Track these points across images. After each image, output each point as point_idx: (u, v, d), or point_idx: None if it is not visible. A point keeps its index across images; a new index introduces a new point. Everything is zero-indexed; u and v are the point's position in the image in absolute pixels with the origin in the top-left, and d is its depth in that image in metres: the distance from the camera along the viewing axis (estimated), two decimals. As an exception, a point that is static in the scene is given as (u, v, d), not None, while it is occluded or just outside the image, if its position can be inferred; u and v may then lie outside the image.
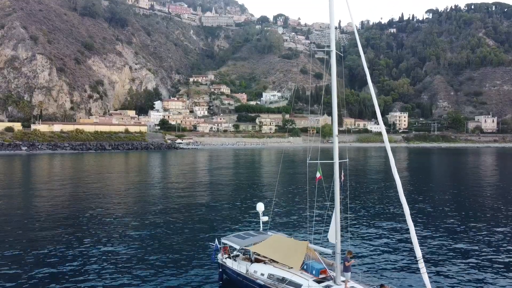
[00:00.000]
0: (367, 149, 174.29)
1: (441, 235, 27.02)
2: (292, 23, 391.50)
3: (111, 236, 26.00)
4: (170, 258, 23.26)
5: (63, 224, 25.00)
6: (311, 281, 16.38)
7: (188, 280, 20.32)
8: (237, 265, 19.23)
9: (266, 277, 17.72)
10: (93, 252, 22.00)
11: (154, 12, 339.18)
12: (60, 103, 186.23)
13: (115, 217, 32.03)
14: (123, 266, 21.19)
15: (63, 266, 17.20)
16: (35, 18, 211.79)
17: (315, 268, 17.40)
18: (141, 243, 25.44)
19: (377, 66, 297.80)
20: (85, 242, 24.46)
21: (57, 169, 70.65)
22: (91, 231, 27.38)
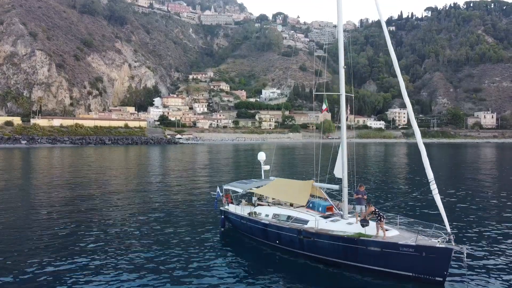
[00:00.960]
0: (366, 145, 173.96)
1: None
2: (291, 21, 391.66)
3: (115, 218, 26.06)
4: (174, 222, 23.34)
5: (63, 212, 24.42)
6: (318, 216, 16.29)
7: (190, 230, 20.32)
8: (240, 209, 19.20)
9: (271, 217, 17.64)
10: (98, 231, 21.76)
11: (153, 10, 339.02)
12: (59, 99, 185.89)
13: (116, 204, 32.05)
14: (130, 235, 21.19)
15: (66, 253, 16.32)
16: (34, 14, 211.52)
17: (321, 205, 17.34)
18: (144, 221, 25.46)
19: (377, 63, 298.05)
20: (91, 222, 24.38)
21: (56, 161, 70.47)
22: (94, 212, 27.42)
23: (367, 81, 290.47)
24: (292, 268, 15.22)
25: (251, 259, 16.38)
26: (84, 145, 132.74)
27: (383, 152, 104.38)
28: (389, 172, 51.41)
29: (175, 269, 14.72)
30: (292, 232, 16.11)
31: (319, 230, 15.38)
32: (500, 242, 18.26)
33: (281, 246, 16.74)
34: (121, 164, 62.91)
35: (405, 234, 14.77)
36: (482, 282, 13.96)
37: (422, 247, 13.32)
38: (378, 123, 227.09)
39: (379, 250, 13.87)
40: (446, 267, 13.16)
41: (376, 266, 14.13)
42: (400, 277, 13.88)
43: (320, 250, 15.33)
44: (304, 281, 13.87)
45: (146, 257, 15.92)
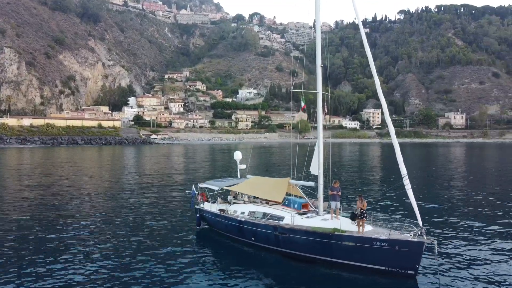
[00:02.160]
0: (341, 144, 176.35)
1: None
2: (268, 21, 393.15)
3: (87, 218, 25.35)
4: (149, 221, 22.96)
5: (32, 214, 23.00)
6: (294, 213, 16.35)
7: (165, 229, 20.03)
8: (216, 207, 19.11)
9: (246, 214, 17.59)
10: (69, 235, 21.13)
11: (128, 8, 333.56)
12: (29, 98, 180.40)
13: (87, 205, 31.25)
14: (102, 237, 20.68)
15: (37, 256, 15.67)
16: (2, 10, 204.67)
17: (297, 202, 17.42)
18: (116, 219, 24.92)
19: (351, 64, 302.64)
20: (61, 225, 23.53)
21: (26, 161, 68.25)
22: (64, 215, 26.62)
23: (342, 82, 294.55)
24: (268, 265, 15.17)
25: (226, 257, 16.23)
26: (56, 145, 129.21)
27: (357, 152, 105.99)
28: (363, 171, 52.20)
29: (149, 268, 14.32)
30: (267, 228, 16.09)
31: (294, 226, 15.43)
32: (469, 236, 18.78)
33: (257, 243, 16.70)
34: (94, 165, 61.54)
35: (379, 229, 15.00)
36: (452, 275, 14.28)
37: (395, 241, 13.55)
38: (353, 123, 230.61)
39: (354, 245, 14.03)
40: (418, 261, 13.45)
41: (350, 261, 14.30)
42: (374, 271, 14.07)
43: (296, 246, 15.37)
44: (279, 278, 13.84)
45: (119, 258, 15.47)
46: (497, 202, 27.96)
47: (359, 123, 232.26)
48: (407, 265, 13.51)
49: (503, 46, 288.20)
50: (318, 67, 17.26)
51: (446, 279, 13.81)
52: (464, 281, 13.55)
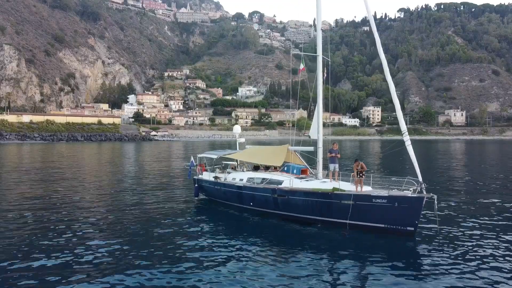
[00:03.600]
0: (341, 141, 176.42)
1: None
2: (268, 20, 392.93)
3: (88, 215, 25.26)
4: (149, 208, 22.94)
5: (32, 207, 22.72)
6: (292, 177, 16.37)
7: (164, 202, 20.00)
8: (215, 176, 19.20)
9: (245, 181, 17.64)
10: (72, 220, 21.04)
11: (128, 6, 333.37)
12: (29, 95, 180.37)
13: (89, 189, 31.18)
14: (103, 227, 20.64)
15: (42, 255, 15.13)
16: (2, 8, 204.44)
17: (296, 167, 17.50)
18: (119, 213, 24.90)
19: (351, 62, 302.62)
20: (63, 212, 23.38)
21: (26, 157, 68.15)
22: (65, 202, 26.58)
23: (342, 80, 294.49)
24: (267, 229, 15.12)
25: (225, 224, 16.10)
26: (56, 142, 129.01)
27: (357, 148, 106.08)
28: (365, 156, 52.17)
29: (148, 242, 13.88)
30: (266, 192, 16.15)
31: (293, 188, 15.44)
32: (469, 196, 18.76)
33: (256, 208, 16.75)
34: (95, 157, 61.53)
35: (378, 189, 15.05)
36: (451, 231, 14.36)
37: (394, 197, 13.52)
38: (353, 121, 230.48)
39: (353, 203, 13.98)
40: (418, 217, 13.40)
41: (350, 220, 14.25)
42: (373, 229, 14.03)
43: (295, 208, 15.38)
44: (277, 240, 13.75)
45: (117, 235, 15.33)
46: (497, 181, 27.99)
47: (359, 121, 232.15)
48: (407, 221, 13.47)
49: (503, 44, 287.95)
50: (319, 30, 17.38)
51: (445, 237, 13.82)
52: (463, 241, 13.51)
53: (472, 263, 11.41)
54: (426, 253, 12.26)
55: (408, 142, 14.49)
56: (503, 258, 11.89)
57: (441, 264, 11.36)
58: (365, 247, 12.89)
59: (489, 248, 12.75)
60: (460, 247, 12.83)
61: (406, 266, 11.28)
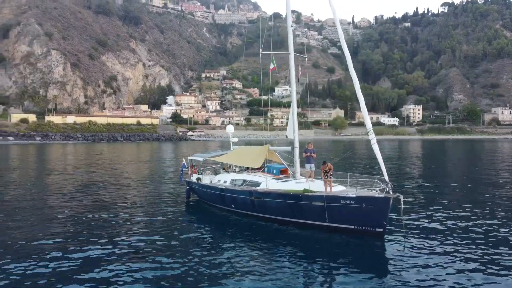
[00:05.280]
0: (379, 141, 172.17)
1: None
2: (305, 19, 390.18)
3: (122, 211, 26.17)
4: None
5: (76, 201, 22.20)
6: (270, 178, 16.50)
7: (156, 204, 20.55)
8: (203, 178, 19.70)
9: (228, 183, 17.97)
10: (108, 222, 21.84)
11: (168, 10, 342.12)
12: (74, 98, 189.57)
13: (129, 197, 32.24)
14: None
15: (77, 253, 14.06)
16: (50, 15, 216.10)
17: (276, 168, 17.66)
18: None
19: (391, 60, 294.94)
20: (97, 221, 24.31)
21: (70, 155, 71.82)
22: (105, 210, 27.63)
23: (381, 78, 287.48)
24: (244, 231, 15.26)
25: (210, 226, 16.41)
26: (97, 142, 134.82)
27: (396, 148, 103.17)
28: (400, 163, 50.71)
29: (137, 238, 14.44)
30: (244, 194, 16.37)
31: (268, 190, 15.54)
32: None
33: (237, 209, 17.04)
34: (133, 158, 63.71)
35: (349, 189, 14.81)
36: (419, 233, 14.23)
37: (361, 198, 13.28)
38: (392, 120, 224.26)
39: (323, 205, 13.83)
40: (386, 217, 13.09)
41: (320, 221, 14.14)
42: (344, 231, 13.85)
43: (269, 210, 15.49)
44: (253, 241, 13.82)
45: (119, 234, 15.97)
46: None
47: (398, 120, 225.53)
48: (375, 222, 13.18)
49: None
50: (289, 28, 17.32)
51: (413, 237, 13.66)
52: (430, 239, 13.42)
53: (440, 264, 11.33)
54: (394, 254, 12.13)
55: (373, 141, 14.21)
56: (470, 257, 11.88)
57: (409, 265, 11.19)
58: (334, 248, 12.83)
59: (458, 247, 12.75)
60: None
61: (373, 267, 11.15)
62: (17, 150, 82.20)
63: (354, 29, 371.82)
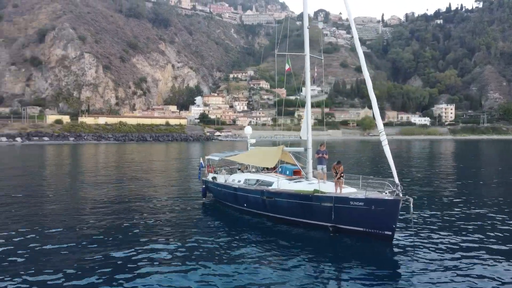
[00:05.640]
0: (410, 141, 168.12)
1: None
2: (333, 18, 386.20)
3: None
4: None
5: (108, 199, 22.59)
6: (283, 178, 16.60)
7: (176, 202, 21.06)
8: (218, 177, 20.02)
9: (242, 182, 18.16)
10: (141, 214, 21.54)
11: (196, 12, 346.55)
12: (106, 99, 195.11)
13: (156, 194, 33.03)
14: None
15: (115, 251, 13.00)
16: (83, 19, 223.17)
17: (289, 169, 17.75)
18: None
19: (422, 58, 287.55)
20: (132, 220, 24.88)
21: (102, 155, 74.23)
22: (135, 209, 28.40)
23: (412, 77, 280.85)
24: (256, 230, 15.41)
25: (220, 224, 16.74)
26: (127, 142, 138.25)
27: (427, 149, 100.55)
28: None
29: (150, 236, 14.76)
30: (256, 193, 16.55)
31: (278, 190, 15.62)
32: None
33: (249, 209, 17.23)
34: (161, 157, 65.14)
35: (360, 191, 14.66)
36: (428, 237, 13.93)
37: (371, 200, 13.12)
38: (423, 120, 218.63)
39: (332, 206, 13.76)
40: (395, 221, 12.88)
41: (330, 222, 14.07)
42: (354, 233, 13.76)
43: (280, 209, 15.60)
44: (263, 241, 13.96)
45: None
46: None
47: (429, 120, 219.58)
48: (384, 225, 12.99)
49: None
50: (305, 29, 17.27)
51: (422, 241, 13.38)
52: (440, 243, 13.13)
53: (450, 269, 11.10)
54: (402, 258, 11.93)
55: (385, 142, 13.98)
56: (481, 264, 11.53)
57: (417, 269, 10.99)
58: (342, 251, 12.75)
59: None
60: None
61: (381, 271, 11.01)
62: (52, 150, 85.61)
63: (383, 27, 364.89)
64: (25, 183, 29.52)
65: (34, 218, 17.39)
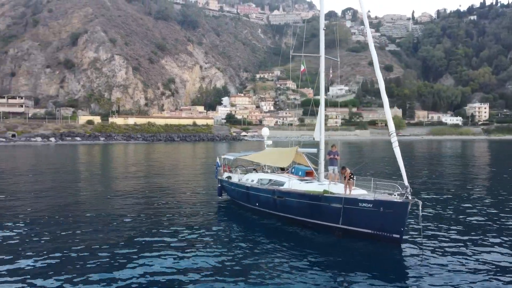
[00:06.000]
0: (441, 141, 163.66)
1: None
2: (362, 16, 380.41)
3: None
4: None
5: (137, 197, 23.43)
6: (294, 179, 16.63)
7: (192, 200, 21.65)
8: (232, 176, 20.28)
9: (255, 182, 18.31)
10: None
11: (223, 13, 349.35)
12: (135, 100, 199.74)
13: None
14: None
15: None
16: (114, 22, 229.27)
17: (301, 169, 17.77)
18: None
19: (454, 55, 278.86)
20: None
21: (131, 154, 76.31)
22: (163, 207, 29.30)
23: (443, 75, 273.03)
24: (263, 231, 15.56)
25: (232, 223, 17.12)
26: (155, 142, 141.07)
27: (458, 149, 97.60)
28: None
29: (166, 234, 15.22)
30: (267, 193, 16.66)
31: (289, 190, 15.64)
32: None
33: (260, 208, 17.35)
34: (188, 156, 66.28)
35: (369, 192, 14.46)
36: (437, 240, 13.73)
37: (379, 201, 12.95)
38: (455, 119, 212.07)
39: (341, 207, 13.68)
40: (403, 223, 12.64)
41: (338, 223, 13.98)
42: (362, 235, 13.62)
43: (290, 209, 15.63)
44: (272, 241, 14.06)
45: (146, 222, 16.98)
46: None
47: (461, 119, 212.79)
48: (392, 228, 12.77)
49: None
50: (321, 30, 17.19)
51: (430, 245, 13.14)
52: (450, 248, 12.87)
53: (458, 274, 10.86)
54: (410, 264, 11.72)
55: (395, 144, 13.73)
56: (490, 268, 11.27)
57: (425, 275, 10.77)
58: (349, 253, 12.64)
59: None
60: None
61: (388, 276, 10.86)
62: (83, 150, 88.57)
63: (414, 24, 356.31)
64: (63, 179, 32.02)
65: (72, 206, 20.27)
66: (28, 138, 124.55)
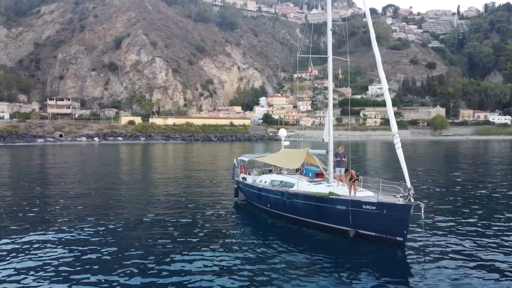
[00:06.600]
0: (487, 142, 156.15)
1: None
2: (403, 12, 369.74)
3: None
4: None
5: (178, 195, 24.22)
6: (304, 180, 16.77)
7: (209, 201, 22.13)
8: (247, 177, 20.69)
9: (268, 183, 18.61)
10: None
11: (261, 13, 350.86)
12: (175, 101, 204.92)
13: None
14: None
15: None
16: (155, 26, 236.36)
17: (312, 171, 17.87)
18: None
19: (504, 51, 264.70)
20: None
21: (170, 153, 78.78)
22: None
23: (491, 72, 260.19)
24: (271, 232, 15.77)
25: (248, 223, 17.51)
26: (193, 142, 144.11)
27: (509, 148, 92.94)
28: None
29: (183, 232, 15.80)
30: (277, 194, 16.93)
31: (297, 191, 15.81)
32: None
33: (271, 209, 17.63)
34: (224, 155, 67.57)
35: (374, 195, 14.33)
36: (440, 243, 13.58)
37: (382, 204, 12.88)
38: (503, 118, 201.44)
39: (345, 209, 13.72)
40: (406, 226, 12.50)
41: (343, 225, 14.03)
42: (367, 237, 13.63)
43: (297, 211, 15.83)
44: (279, 241, 14.31)
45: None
46: None
47: (511, 118, 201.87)
48: (395, 230, 12.67)
49: None
50: (329, 31, 17.17)
51: (433, 248, 12.96)
52: (453, 252, 12.62)
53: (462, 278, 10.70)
54: (413, 268, 11.61)
55: (398, 145, 13.51)
56: (494, 271, 11.10)
57: (428, 279, 10.68)
58: (352, 255, 12.63)
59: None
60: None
61: (391, 278, 10.83)
62: (125, 149, 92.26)
63: (459, 19, 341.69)
64: (107, 174, 35.06)
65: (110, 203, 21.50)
66: (74, 138, 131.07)
